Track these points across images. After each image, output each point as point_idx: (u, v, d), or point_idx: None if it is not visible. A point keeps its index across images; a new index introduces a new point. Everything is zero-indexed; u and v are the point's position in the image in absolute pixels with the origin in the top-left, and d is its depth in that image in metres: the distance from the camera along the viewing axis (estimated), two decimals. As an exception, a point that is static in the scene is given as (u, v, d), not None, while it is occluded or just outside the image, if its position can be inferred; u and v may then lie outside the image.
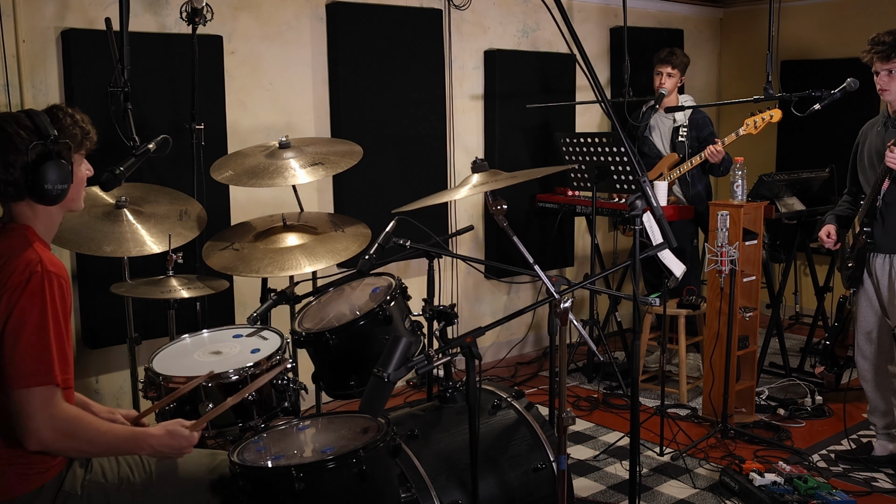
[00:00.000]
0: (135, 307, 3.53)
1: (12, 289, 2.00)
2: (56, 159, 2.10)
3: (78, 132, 2.18)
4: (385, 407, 2.25)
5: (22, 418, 1.98)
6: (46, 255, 2.08)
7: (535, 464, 2.75)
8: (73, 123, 2.17)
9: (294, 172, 3.45)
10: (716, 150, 4.78)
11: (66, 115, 2.17)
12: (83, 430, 2.06)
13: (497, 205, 2.49)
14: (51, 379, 2.00)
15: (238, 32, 4.34)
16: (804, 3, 6.27)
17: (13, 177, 2.08)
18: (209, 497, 2.29)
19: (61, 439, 2.02)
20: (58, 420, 2.01)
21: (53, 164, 2.09)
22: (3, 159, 2.07)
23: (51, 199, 2.11)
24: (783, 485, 3.49)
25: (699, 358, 5.16)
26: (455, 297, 5.34)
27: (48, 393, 2.00)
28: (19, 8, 3.67)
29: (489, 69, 5.33)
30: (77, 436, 2.05)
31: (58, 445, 2.04)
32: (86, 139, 2.21)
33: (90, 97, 3.76)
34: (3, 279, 2.01)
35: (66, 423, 2.02)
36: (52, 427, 2.00)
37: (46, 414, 1.99)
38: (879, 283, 3.68)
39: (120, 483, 2.21)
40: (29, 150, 2.07)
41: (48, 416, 1.99)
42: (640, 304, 2.65)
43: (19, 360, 1.98)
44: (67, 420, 2.03)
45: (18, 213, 2.15)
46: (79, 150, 2.20)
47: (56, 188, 2.10)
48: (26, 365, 1.98)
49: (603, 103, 2.56)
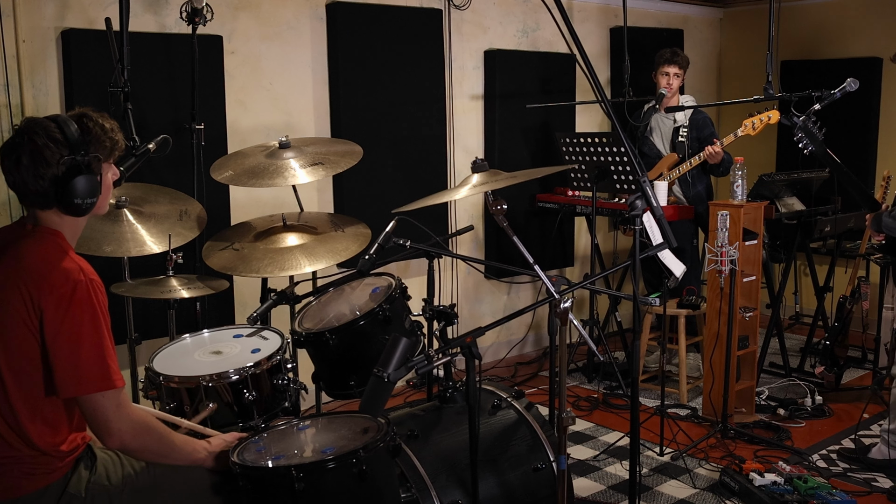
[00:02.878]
0: (135, 307, 3.53)
1: (59, 299, 2.01)
2: (86, 173, 2.09)
3: (108, 143, 2.17)
4: (385, 407, 2.26)
5: (104, 422, 2.06)
6: (84, 264, 2.09)
7: (535, 464, 2.75)
8: (103, 133, 2.15)
9: (294, 172, 3.45)
10: (714, 151, 4.77)
11: (95, 124, 2.14)
12: (153, 429, 2.17)
13: (497, 205, 2.49)
14: (116, 382, 2.07)
15: (238, 32, 4.34)
16: (804, 3, 6.27)
17: (42, 188, 2.08)
18: (211, 497, 2.29)
19: (139, 438, 2.12)
20: (133, 420, 2.11)
21: (83, 178, 2.08)
22: (33, 171, 2.06)
23: (79, 212, 2.12)
24: (783, 485, 3.49)
25: (699, 358, 5.16)
26: (455, 297, 5.34)
27: (119, 395, 2.08)
28: (19, 8, 3.67)
29: (489, 69, 5.33)
30: (150, 434, 2.16)
31: (136, 444, 2.13)
32: (115, 148, 2.20)
33: (90, 97, 3.75)
34: (48, 289, 2.01)
35: (139, 424, 2.13)
36: (130, 427, 2.09)
37: (124, 414, 2.09)
38: None
39: (123, 485, 2.21)
40: (59, 164, 2.06)
41: (125, 417, 2.09)
42: (640, 304, 2.65)
43: (85, 368, 2.03)
44: (140, 420, 2.14)
45: (45, 219, 2.14)
46: (108, 160, 2.20)
47: (86, 202, 2.11)
48: (93, 371, 2.03)
49: (603, 103, 2.56)
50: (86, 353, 2.02)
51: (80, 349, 2.02)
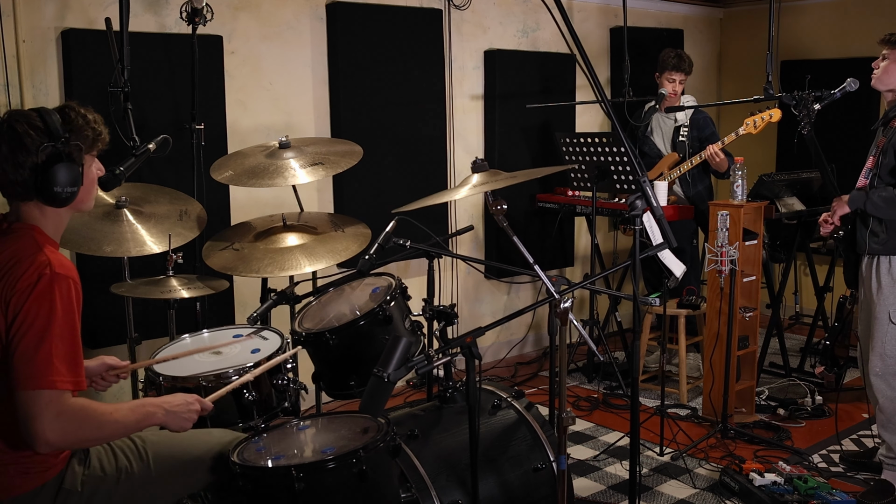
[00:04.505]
0: (135, 307, 3.53)
1: (20, 292, 1.98)
2: (66, 161, 2.07)
3: (90, 133, 2.14)
4: (385, 407, 2.26)
5: (28, 420, 1.96)
6: (56, 258, 2.05)
7: (535, 464, 2.75)
8: (86, 124, 2.14)
9: (294, 172, 3.45)
10: (714, 153, 4.77)
11: (78, 114, 2.13)
12: (90, 419, 2.04)
13: (497, 205, 2.49)
14: (53, 382, 1.97)
15: (238, 32, 4.34)
16: (804, 3, 6.27)
17: (22, 177, 2.06)
18: (207, 476, 2.30)
19: (69, 436, 2.01)
20: (63, 420, 1.98)
21: (63, 166, 2.06)
22: (13, 159, 2.04)
23: (60, 201, 2.09)
24: (783, 485, 3.49)
25: (699, 358, 5.16)
26: (455, 297, 5.34)
27: (52, 396, 1.97)
28: (19, 8, 3.67)
29: (489, 69, 5.33)
30: (84, 427, 2.03)
31: (65, 443, 2.03)
32: (98, 140, 2.17)
33: (90, 97, 3.75)
34: (13, 282, 1.99)
35: (72, 421, 2.00)
36: (58, 428, 1.97)
37: (51, 415, 1.97)
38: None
39: (119, 475, 2.21)
40: (39, 151, 2.05)
41: (53, 418, 1.97)
42: (640, 304, 2.65)
43: (25, 363, 1.97)
44: (73, 416, 2.01)
45: (26, 213, 2.13)
46: (90, 151, 2.17)
47: (66, 191, 2.08)
48: (32, 367, 1.97)
49: (603, 103, 2.56)
50: (28, 348, 1.96)
51: (22, 343, 1.96)
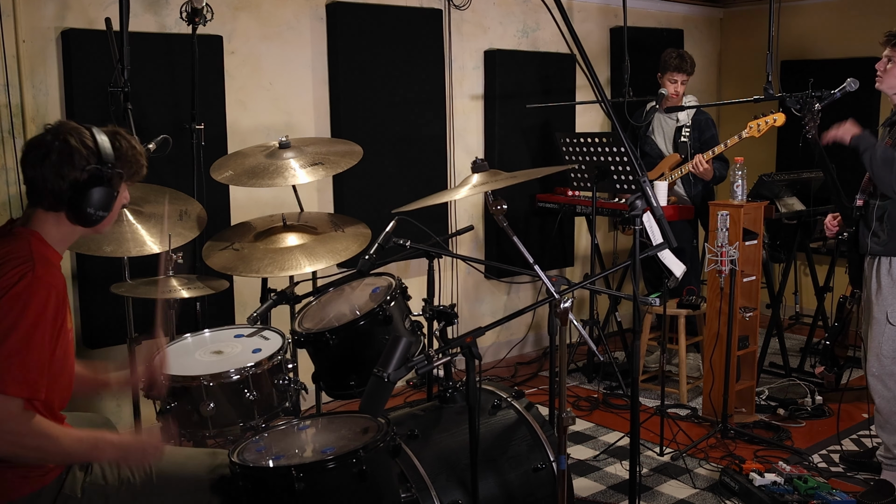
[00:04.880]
0: (135, 307, 3.53)
1: (1, 289, 1.97)
2: (106, 186, 2.08)
3: (134, 164, 2.17)
4: (385, 407, 2.26)
5: None
6: (43, 264, 2.04)
7: (535, 464, 2.75)
8: (132, 155, 2.16)
9: (294, 172, 3.45)
10: (699, 162, 4.78)
11: (127, 143, 2.15)
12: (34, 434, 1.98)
13: (497, 205, 2.49)
14: (8, 388, 1.93)
15: (238, 32, 4.34)
16: (804, 3, 6.27)
17: (59, 188, 2.07)
18: (209, 497, 2.29)
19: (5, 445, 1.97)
20: (4, 427, 1.94)
21: (102, 189, 2.08)
22: (58, 170, 2.05)
23: (87, 221, 2.10)
24: (783, 485, 3.49)
25: (699, 358, 5.16)
26: (455, 297, 5.34)
27: (4, 402, 1.93)
28: (19, 8, 3.67)
29: (489, 69, 5.33)
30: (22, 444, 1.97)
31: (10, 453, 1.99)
32: (139, 172, 2.20)
33: (90, 97, 3.76)
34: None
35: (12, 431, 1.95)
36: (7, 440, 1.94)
37: None
38: None
39: (120, 485, 2.21)
40: (84, 170, 2.06)
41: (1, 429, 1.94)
42: (640, 304, 2.65)
43: None
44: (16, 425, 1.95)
45: (37, 219, 2.12)
46: (128, 181, 2.19)
47: (97, 214, 2.09)
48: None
49: (603, 103, 2.56)
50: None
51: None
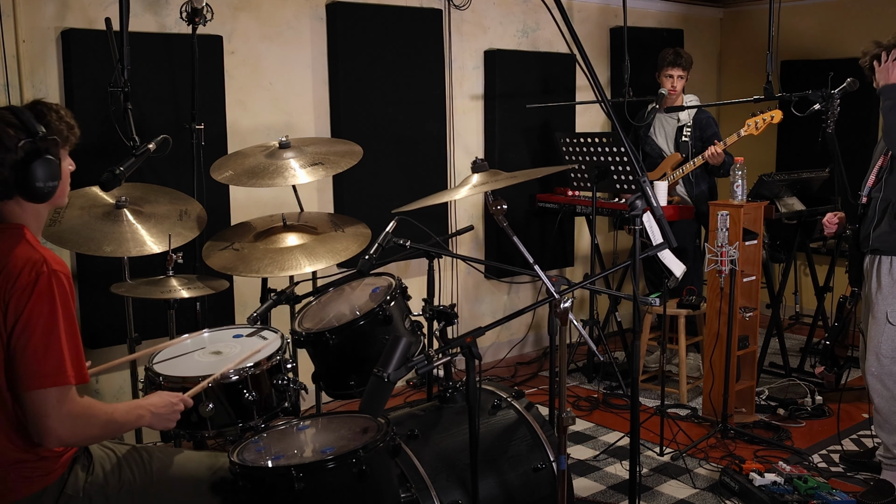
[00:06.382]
0: (135, 307, 3.53)
1: (20, 291, 1.98)
2: (45, 156, 2.08)
3: (64, 127, 2.16)
4: (385, 407, 2.26)
5: (39, 418, 1.99)
6: (49, 254, 2.06)
7: (535, 464, 2.75)
8: (59, 119, 2.16)
9: (294, 172, 3.45)
10: (716, 152, 4.78)
11: (50, 110, 2.15)
12: (96, 418, 2.09)
13: (497, 205, 2.49)
14: (64, 379, 2.00)
15: (238, 32, 4.34)
16: (804, 3, 6.27)
17: (2, 175, 2.06)
18: (209, 498, 2.28)
19: (78, 433, 2.06)
20: (73, 417, 2.03)
21: (43, 161, 2.07)
22: None
23: (41, 196, 2.10)
24: (783, 485, 3.49)
25: (699, 358, 5.16)
26: (455, 297, 5.34)
27: (62, 392, 2.00)
28: (19, 8, 3.67)
29: (489, 69, 5.33)
30: (92, 425, 2.08)
31: (75, 439, 2.09)
32: (71, 134, 2.20)
33: (90, 97, 3.76)
34: (10, 282, 1.99)
35: (80, 418, 2.05)
36: (69, 425, 2.02)
37: (62, 412, 2.00)
38: None
39: (121, 485, 2.21)
40: (18, 148, 2.05)
41: (64, 415, 2.01)
42: (640, 304, 2.65)
43: (32, 362, 1.98)
44: (81, 414, 2.05)
45: (8, 212, 2.13)
46: (65, 145, 2.19)
47: (47, 186, 2.09)
48: (39, 366, 1.98)
49: (603, 103, 2.56)
50: (35, 348, 1.98)
51: (30, 343, 1.98)
